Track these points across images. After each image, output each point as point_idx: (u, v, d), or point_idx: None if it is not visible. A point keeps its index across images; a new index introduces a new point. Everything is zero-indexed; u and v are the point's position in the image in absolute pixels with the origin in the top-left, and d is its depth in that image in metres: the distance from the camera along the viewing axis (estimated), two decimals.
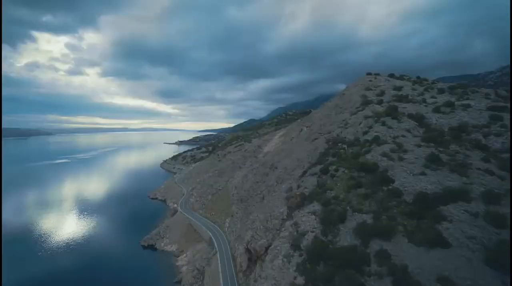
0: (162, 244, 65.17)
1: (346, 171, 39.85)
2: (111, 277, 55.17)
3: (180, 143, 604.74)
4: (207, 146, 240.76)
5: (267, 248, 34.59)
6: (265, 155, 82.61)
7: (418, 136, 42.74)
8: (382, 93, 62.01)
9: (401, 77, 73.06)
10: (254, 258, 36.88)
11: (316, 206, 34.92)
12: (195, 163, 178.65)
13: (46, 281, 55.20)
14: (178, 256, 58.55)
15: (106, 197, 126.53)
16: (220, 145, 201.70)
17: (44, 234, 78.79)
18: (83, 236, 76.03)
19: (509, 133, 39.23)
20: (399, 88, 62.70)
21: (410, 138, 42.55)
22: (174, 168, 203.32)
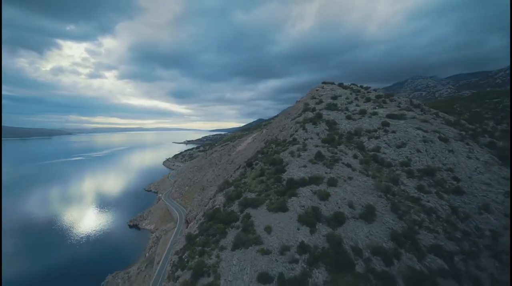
0: (144, 224, 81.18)
1: (261, 165, 52.82)
2: (102, 247, 71.68)
3: (187, 142, 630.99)
4: (204, 145, 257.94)
5: (195, 217, 48.54)
6: (235, 153, 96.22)
7: (321, 139, 54.87)
8: (320, 101, 73.62)
9: (345, 86, 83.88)
10: (190, 224, 50.94)
11: (230, 189, 48.36)
12: (191, 160, 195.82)
13: (54, 247, 72.88)
14: (154, 233, 73.88)
15: (108, 189, 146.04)
16: (216, 145, 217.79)
17: (54, 216, 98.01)
18: (84, 218, 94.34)
19: (386, 136, 50.65)
20: (335, 97, 74.05)
21: (315, 140, 54.63)
22: (173, 165, 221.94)
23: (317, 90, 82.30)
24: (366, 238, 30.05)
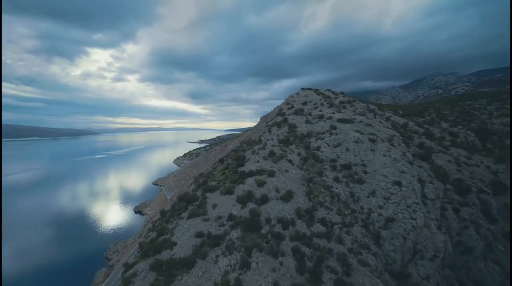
0: (146, 210, 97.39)
1: (229, 160, 65.16)
2: (110, 226, 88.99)
3: (201, 141, 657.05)
4: (212, 145, 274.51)
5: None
6: (226, 152, 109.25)
7: (278, 139, 65.86)
8: (292, 107, 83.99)
9: (319, 93, 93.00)
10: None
11: (202, 179, 61.28)
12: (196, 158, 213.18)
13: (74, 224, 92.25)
14: (153, 217, 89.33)
15: (122, 183, 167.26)
16: (218, 144, 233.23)
17: (77, 204, 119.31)
18: (100, 205, 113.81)
19: (329, 137, 60.52)
20: (305, 103, 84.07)
21: (274, 141, 65.73)
22: (182, 162, 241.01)
23: (292, 96, 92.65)
24: (279, 212, 41.38)
